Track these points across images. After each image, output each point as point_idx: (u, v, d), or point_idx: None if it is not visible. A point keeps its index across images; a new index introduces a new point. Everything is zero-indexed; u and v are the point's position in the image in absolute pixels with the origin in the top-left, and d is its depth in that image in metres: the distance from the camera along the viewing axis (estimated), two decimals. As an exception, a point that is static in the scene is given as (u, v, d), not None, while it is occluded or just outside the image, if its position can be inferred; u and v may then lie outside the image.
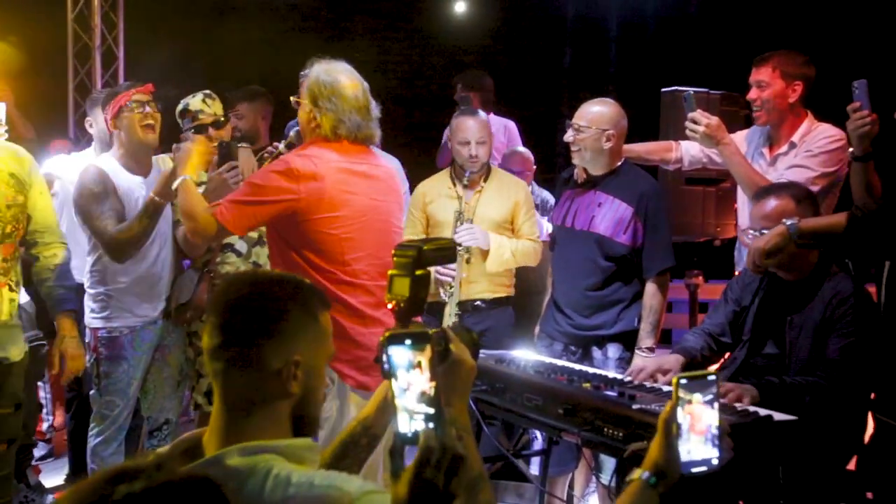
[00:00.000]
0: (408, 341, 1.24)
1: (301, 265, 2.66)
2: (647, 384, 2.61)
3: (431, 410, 1.22)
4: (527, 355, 3.07)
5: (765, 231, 2.61)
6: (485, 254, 3.66)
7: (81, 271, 3.45)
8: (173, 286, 3.41)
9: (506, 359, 2.93)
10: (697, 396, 1.45)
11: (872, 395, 2.57)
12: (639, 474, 1.50)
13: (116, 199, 3.26)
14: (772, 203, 2.66)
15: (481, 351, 3.27)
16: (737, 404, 2.36)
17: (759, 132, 3.32)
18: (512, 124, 5.40)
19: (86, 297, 3.37)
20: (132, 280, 3.30)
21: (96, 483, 0.95)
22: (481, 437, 2.98)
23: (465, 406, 1.45)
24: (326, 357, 1.49)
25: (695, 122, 3.09)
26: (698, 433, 1.46)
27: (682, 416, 1.45)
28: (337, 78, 2.72)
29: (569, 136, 3.33)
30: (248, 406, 1.40)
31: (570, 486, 3.65)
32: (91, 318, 3.35)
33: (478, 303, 3.72)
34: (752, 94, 3.19)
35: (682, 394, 1.44)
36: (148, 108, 3.28)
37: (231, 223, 2.69)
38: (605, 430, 2.28)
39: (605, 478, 3.13)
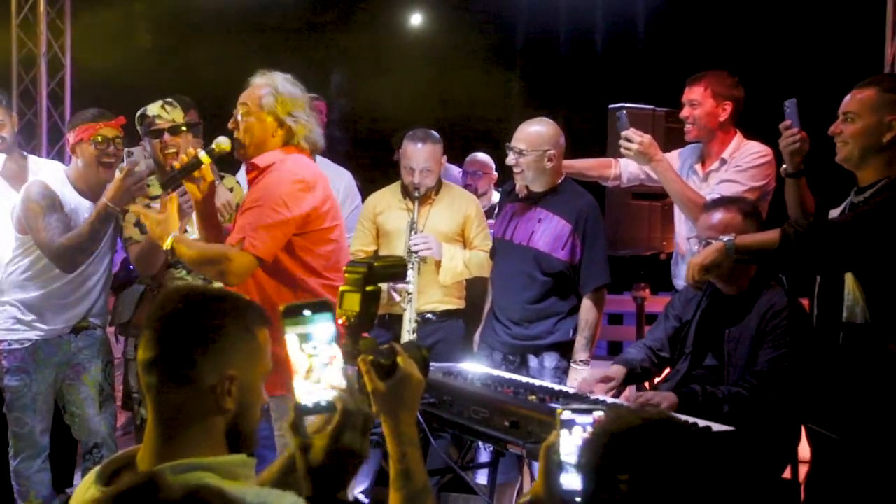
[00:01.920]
0: (306, 312, 1.23)
1: (296, 274, 2.69)
2: (592, 396, 2.66)
3: (344, 381, 1.22)
4: (474, 368, 3.10)
5: (710, 241, 2.71)
6: (437, 265, 3.69)
7: None
8: (116, 302, 3.35)
9: (453, 371, 2.95)
10: (583, 426, 1.45)
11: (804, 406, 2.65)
12: (523, 500, 1.50)
13: (62, 212, 3.21)
14: (719, 215, 2.76)
15: (431, 364, 3.29)
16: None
17: (692, 150, 3.44)
18: (455, 170, 5.34)
19: None
20: (41, 294, 3.25)
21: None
22: (429, 450, 3.00)
23: (414, 420, 1.47)
24: (263, 373, 1.47)
25: (628, 140, 3.18)
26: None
27: (568, 445, 1.45)
28: (300, 90, 2.80)
29: (510, 159, 3.39)
30: (182, 422, 1.39)
31: (519, 495, 3.68)
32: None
33: (429, 315, 3.74)
34: (685, 112, 3.32)
35: (566, 424, 1.44)
36: (112, 147, 3.22)
37: (265, 251, 2.62)
38: (550, 441, 2.32)
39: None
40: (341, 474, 1.22)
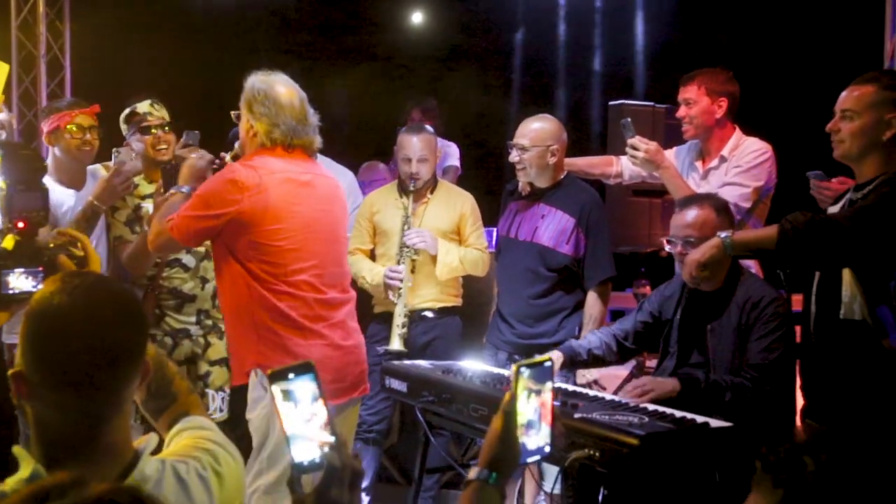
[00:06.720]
0: (290, 375, 1.26)
1: (243, 276, 2.68)
2: (590, 393, 2.66)
3: (332, 437, 1.27)
4: (473, 365, 3.10)
5: (688, 239, 2.72)
6: (433, 262, 3.69)
7: None
8: None
9: (453, 369, 2.95)
10: (545, 384, 1.41)
11: (802, 402, 2.66)
12: (474, 474, 1.43)
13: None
14: (693, 213, 2.78)
15: (430, 361, 3.29)
16: (650, 405, 2.46)
17: (690, 147, 3.45)
18: (452, 147, 5.35)
19: None
20: None
21: (22, 501, 0.94)
22: (429, 447, 3.01)
23: None
24: None
25: (634, 148, 3.19)
26: (546, 422, 1.42)
27: (530, 405, 1.40)
28: (272, 86, 2.74)
29: (514, 156, 3.41)
30: None
31: (521, 495, 3.68)
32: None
33: (426, 312, 3.74)
34: (681, 111, 3.33)
35: (528, 384, 1.40)
36: (88, 136, 3.23)
37: (182, 237, 2.72)
38: (549, 438, 2.32)
39: (548, 486, 3.17)
40: None
